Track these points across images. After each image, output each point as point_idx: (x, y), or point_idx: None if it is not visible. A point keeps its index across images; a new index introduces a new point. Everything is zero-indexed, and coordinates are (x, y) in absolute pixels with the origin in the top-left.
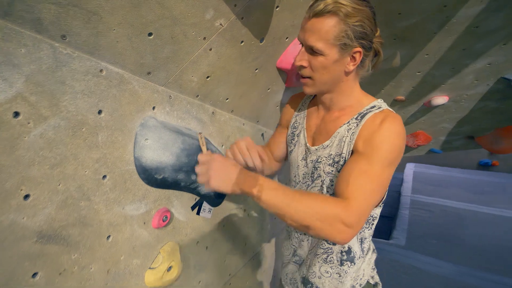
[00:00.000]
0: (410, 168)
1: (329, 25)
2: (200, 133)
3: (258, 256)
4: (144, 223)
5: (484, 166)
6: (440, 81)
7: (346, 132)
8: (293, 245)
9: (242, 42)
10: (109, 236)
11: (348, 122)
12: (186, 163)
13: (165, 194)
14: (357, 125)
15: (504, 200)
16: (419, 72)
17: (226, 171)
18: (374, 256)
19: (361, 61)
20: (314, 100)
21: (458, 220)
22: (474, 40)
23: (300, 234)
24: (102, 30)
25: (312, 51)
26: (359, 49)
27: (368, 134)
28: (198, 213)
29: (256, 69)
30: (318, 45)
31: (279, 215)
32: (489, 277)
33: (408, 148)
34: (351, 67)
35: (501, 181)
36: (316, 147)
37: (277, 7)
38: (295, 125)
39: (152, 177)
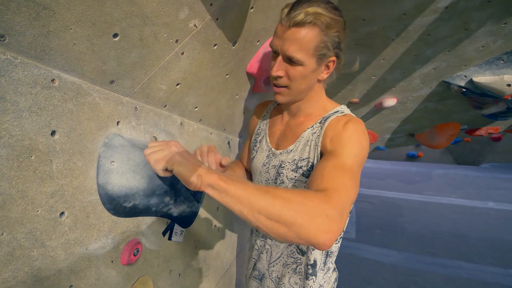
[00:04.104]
0: None
1: (310, 35)
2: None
3: (228, 271)
4: (112, 261)
5: (411, 158)
6: (391, 85)
7: (311, 136)
8: (253, 258)
9: (215, 45)
10: (70, 287)
11: (312, 126)
12: (160, 185)
13: (134, 222)
14: (321, 128)
15: (431, 188)
16: (374, 76)
17: (188, 157)
18: (335, 275)
19: None
20: (278, 107)
21: (396, 209)
22: (425, 47)
23: (260, 246)
24: (54, 29)
25: (290, 61)
26: (333, 58)
27: (334, 133)
28: (170, 238)
29: (226, 75)
30: (299, 55)
31: (250, 216)
32: (430, 261)
33: None
34: (325, 75)
35: (427, 170)
36: (280, 151)
37: (251, 8)
38: (258, 131)
39: (120, 206)
